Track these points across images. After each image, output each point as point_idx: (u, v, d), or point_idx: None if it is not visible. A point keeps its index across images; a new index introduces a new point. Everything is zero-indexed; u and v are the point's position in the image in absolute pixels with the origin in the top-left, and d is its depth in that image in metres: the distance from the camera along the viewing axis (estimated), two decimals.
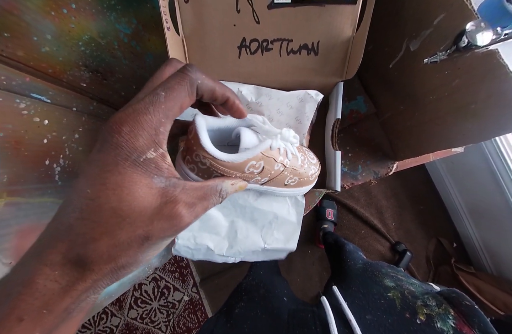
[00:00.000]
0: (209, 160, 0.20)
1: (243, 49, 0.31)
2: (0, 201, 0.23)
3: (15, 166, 0.26)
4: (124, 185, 0.13)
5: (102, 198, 0.13)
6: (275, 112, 0.32)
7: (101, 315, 1.18)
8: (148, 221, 0.13)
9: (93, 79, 0.37)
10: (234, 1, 0.28)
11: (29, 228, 0.25)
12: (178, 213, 0.14)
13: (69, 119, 0.35)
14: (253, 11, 0.29)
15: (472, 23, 0.22)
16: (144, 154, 0.14)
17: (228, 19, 0.29)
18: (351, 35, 0.30)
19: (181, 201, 0.15)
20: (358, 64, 0.29)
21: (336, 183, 0.33)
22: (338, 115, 0.33)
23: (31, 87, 0.30)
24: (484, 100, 0.26)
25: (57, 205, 0.29)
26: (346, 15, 0.28)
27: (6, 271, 0.23)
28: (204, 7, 0.29)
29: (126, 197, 0.13)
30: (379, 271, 0.39)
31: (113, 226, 0.13)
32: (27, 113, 0.29)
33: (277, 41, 0.31)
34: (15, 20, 0.25)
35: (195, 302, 1.18)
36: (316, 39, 0.30)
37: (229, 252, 0.36)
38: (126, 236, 0.13)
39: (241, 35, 0.30)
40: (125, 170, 0.13)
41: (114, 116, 0.14)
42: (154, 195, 0.14)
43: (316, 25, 0.29)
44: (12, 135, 0.26)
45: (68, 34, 0.29)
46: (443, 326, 0.27)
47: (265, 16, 0.29)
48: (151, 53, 0.38)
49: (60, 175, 0.30)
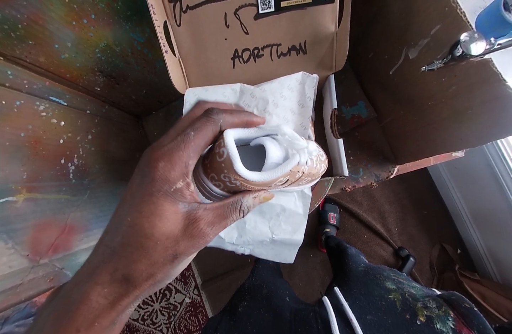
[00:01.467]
0: (240, 182, 0.20)
1: (237, 60, 0.33)
2: (20, 197, 0.25)
3: (34, 164, 0.27)
4: (156, 212, 0.16)
5: (139, 225, 0.16)
6: (279, 96, 0.33)
7: (165, 292, 1.19)
8: (175, 242, 0.16)
9: (107, 84, 0.39)
10: (223, 17, 0.30)
11: (45, 223, 0.27)
12: (198, 233, 0.17)
13: (83, 121, 0.37)
14: (241, 23, 0.31)
15: (466, 34, 0.23)
16: (174, 185, 0.16)
17: (218, 34, 0.31)
18: (334, 31, 0.32)
19: (201, 221, 0.17)
20: (345, 56, 0.31)
21: (343, 168, 0.34)
22: (334, 105, 0.34)
23: (50, 91, 0.32)
24: (479, 106, 0.27)
25: (70, 201, 0.30)
26: (326, 13, 0.30)
27: (24, 262, 0.24)
28: (195, 28, 0.31)
29: (158, 224, 0.16)
30: (380, 274, 0.40)
31: (148, 248, 0.15)
32: (46, 115, 0.31)
33: (267, 47, 0.33)
34: (40, 29, 0.27)
35: (196, 305, 1.18)
36: (303, 40, 0.32)
37: (238, 240, 0.37)
38: (159, 257, 0.16)
39: (233, 47, 0.32)
40: (158, 199, 0.16)
41: (151, 154, 0.17)
42: (179, 219, 0.16)
43: (301, 27, 0.31)
44: (32, 135, 0.28)
45: (87, 42, 0.31)
46: (443, 327, 0.27)
47: (252, 26, 0.31)
48: (161, 59, 0.40)
49: (74, 174, 0.32)
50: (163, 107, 0.54)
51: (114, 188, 0.38)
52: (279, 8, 0.30)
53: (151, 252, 0.15)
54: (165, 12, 0.30)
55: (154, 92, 0.47)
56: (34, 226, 0.25)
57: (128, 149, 0.46)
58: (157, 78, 0.44)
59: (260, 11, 0.30)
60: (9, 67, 0.28)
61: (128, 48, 0.35)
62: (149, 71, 0.41)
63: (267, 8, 0.30)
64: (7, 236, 0.23)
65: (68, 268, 0.27)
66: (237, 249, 0.38)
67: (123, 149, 0.44)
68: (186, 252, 0.16)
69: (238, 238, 0.37)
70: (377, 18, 0.36)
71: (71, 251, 0.28)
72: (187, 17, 0.30)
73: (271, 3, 0.30)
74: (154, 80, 0.44)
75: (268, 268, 0.62)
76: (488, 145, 0.87)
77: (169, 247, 0.16)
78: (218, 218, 0.18)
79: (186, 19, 0.31)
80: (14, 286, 0.22)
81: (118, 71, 0.38)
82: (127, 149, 0.45)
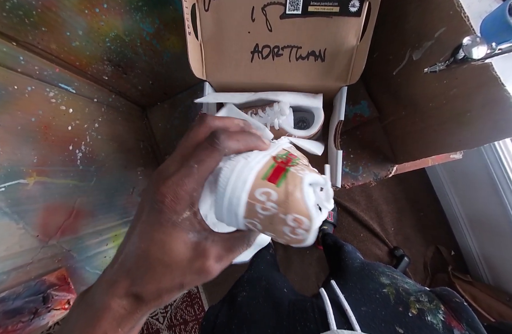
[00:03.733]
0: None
1: (256, 54, 0.34)
2: (31, 179, 0.26)
3: (43, 149, 0.28)
4: (166, 240, 0.17)
5: (152, 251, 0.17)
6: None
7: None
8: (182, 272, 0.17)
9: (114, 73, 0.40)
10: (250, 10, 0.31)
11: (54, 206, 0.28)
12: (206, 269, 0.18)
13: (91, 109, 0.38)
14: (266, 20, 0.31)
15: (468, 38, 0.24)
16: (181, 216, 0.17)
17: (243, 26, 0.32)
18: (356, 44, 0.32)
19: (210, 255, 0.18)
20: (361, 71, 0.31)
21: (337, 179, 0.35)
22: (341, 117, 0.35)
23: (60, 78, 0.33)
24: (479, 109, 0.28)
25: (78, 187, 0.31)
26: (351, 26, 0.31)
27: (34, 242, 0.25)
28: (222, 16, 0.31)
29: (168, 251, 0.17)
30: (376, 269, 0.41)
31: (159, 273, 0.17)
32: (55, 101, 0.32)
33: (287, 47, 0.33)
34: (53, 16, 0.27)
35: (193, 295, 1.20)
36: (323, 47, 0.33)
37: None
38: (168, 284, 0.17)
39: (255, 41, 0.33)
40: (167, 229, 0.17)
41: (158, 187, 0.17)
42: (188, 249, 0.17)
43: (324, 34, 0.32)
44: (42, 121, 0.29)
45: (97, 31, 0.31)
46: (433, 320, 0.29)
47: (277, 25, 0.32)
48: (169, 51, 0.41)
49: (81, 160, 0.33)
50: (168, 99, 0.54)
51: (118, 175, 0.39)
52: (306, 12, 0.31)
53: (161, 278, 0.17)
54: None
55: (160, 83, 0.48)
56: (43, 208, 0.26)
57: (132, 138, 0.46)
58: (164, 70, 0.44)
59: (287, 11, 0.31)
60: (21, 53, 0.28)
61: (137, 39, 0.36)
62: (156, 62, 0.42)
63: (294, 10, 0.31)
64: (18, 216, 0.24)
65: (74, 250, 0.28)
66: None
67: (128, 139, 0.45)
68: (192, 284, 0.18)
69: None
70: (384, 19, 0.36)
71: (77, 235, 0.29)
72: (216, 3, 0.31)
73: (299, 5, 0.30)
74: (161, 71, 0.44)
75: (266, 262, 0.64)
76: (486, 149, 0.88)
77: (177, 276, 0.17)
78: (226, 251, 0.19)
79: (214, 5, 0.31)
80: (25, 264, 0.23)
81: (126, 61, 0.39)
82: (131, 139, 0.46)
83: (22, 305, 0.22)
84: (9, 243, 0.23)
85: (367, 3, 0.30)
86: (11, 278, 0.22)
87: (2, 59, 0.26)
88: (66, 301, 0.25)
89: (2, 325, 0.20)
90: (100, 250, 0.31)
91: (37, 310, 0.23)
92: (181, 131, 0.52)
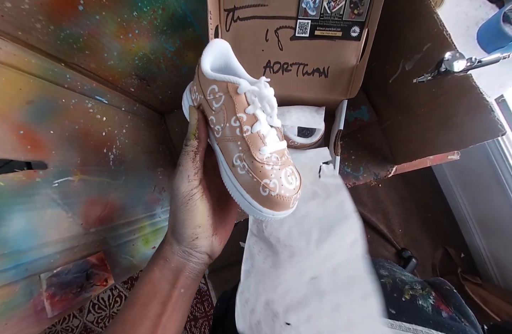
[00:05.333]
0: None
1: (267, 69, 0.39)
2: (76, 177, 0.31)
3: (84, 152, 0.33)
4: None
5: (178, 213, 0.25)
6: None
7: (116, 299, 1.27)
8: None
9: (140, 85, 0.45)
10: (264, 32, 0.36)
11: (93, 200, 0.33)
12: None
13: (119, 117, 0.43)
14: (278, 40, 0.37)
15: (449, 53, 0.27)
16: (193, 192, 0.26)
17: (258, 45, 0.37)
18: (355, 64, 0.37)
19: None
20: (359, 87, 0.36)
21: None
22: (341, 127, 0.39)
23: (96, 91, 0.39)
24: (463, 114, 0.31)
25: (110, 184, 0.36)
26: (351, 48, 0.36)
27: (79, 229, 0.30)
28: (240, 35, 0.37)
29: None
30: (376, 263, 0.44)
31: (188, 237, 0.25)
32: (92, 111, 0.37)
33: (295, 64, 0.38)
34: (95, 42, 0.33)
35: (202, 293, 1.24)
36: (327, 65, 0.37)
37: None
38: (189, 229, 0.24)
39: (267, 58, 0.38)
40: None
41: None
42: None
43: (328, 54, 0.37)
44: (83, 128, 0.35)
45: (129, 51, 0.37)
46: (424, 303, 0.32)
47: (287, 45, 0.37)
48: (186, 65, 0.46)
49: (113, 161, 0.38)
50: None
51: (142, 175, 0.44)
52: (313, 35, 0.36)
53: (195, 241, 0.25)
54: (219, 18, 0.36)
55: (178, 93, 0.53)
56: (85, 201, 0.31)
57: (153, 142, 0.52)
58: (182, 81, 0.50)
59: (296, 34, 0.36)
60: (68, 72, 0.34)
61: (161, 56, 0.41)
62: (175, 75, 0.47)
63: (302, 33, 0.36)
64: (68, 207, 0.29)
65: (109, 238, 0.33)
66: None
67: (149, 142, 0.50)
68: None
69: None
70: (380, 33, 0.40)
71: (111, 224, 0.34)
72: (236, 25, 0.37)
73: (307, 30, 0.36)
74: (179, 82, 0.50)
75: None
76: (494, 151, 0.89)
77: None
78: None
79: (234, 26, 0.37)
80: (72, 247, 0.28)
81: (150, 75, 0.44)
82: (152, 143, 0.51)
83: (71, 279, 0.27)
84: (61, 229, 0.28)
85: (366, 29, 0.34)
86: (62, 257, 0.27)
87: (53, 77, 0.32)
88: (104, 278, 0.30)
89: (58, 294, 0.25)
90: (129, 239, 0.36)
91: (82, 284, 0.28)
92: None
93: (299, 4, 0.34)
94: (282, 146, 0.25)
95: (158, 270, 0.23)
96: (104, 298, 1.28)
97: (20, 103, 0.27)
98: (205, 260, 0.25)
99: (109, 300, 1.28)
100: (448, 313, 0.30)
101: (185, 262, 0.24)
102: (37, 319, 0.23)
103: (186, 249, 0.24)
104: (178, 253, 0.24)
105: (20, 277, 0.23)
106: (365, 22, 0.34)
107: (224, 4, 0.35)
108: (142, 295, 0.23)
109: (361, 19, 0.34)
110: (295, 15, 0.35)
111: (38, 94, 0.29)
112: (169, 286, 0.23)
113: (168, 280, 0.23)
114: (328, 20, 0.35)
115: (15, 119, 0.26)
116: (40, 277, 0.24)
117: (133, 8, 0.31)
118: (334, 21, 0.35)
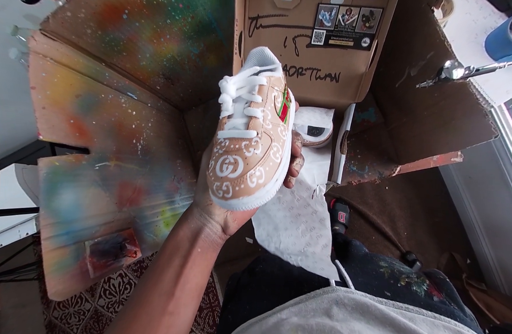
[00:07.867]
0: None
1: (284, 72, 0.42)
2: (112, 162, 0.36)
3: (118, 141, 0.38)
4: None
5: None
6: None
7: (126, 285, 1.34)
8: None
9: (165, 84, 0.50)
10: (283, 39, 0.41)
11: (125, 183, 0.37)
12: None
13: (146, 112, 0.48)
14: (295, 47, 0.41)
15: (449, 62, 0.30)
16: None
17: (276, 50, 0.41)
18: (364, 71, 0.40)
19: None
20: (366, 92, 0.40)
21: (338, 177, 0.42)
22: (348, 128, 0.43)
23: (128, 88, 0.43)
24: (460, 118, 0.34)
25: (138, 171, 0.41)
26: (362, 57, 0.39)
27: (114, 207, 0.35)
28: (261, 41, 0.41)
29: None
30: (377, 257, 0.47)
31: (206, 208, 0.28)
32: (125, 106, 0.42)
33: (309, 69, 0.42)
34: (132, 45, 0.37)
35: (208, 285, 1.29)
36: (338, 71, 0.41)
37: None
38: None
39: (284, 62, 0.42)
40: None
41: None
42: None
43: (339, 61, 0.40)
44: (117, 120, 0.39)
45: (159, 53, 0.41)
46: (417, 289, 0.35)
47: (303, 51, 0.41)
48: (207, 67, 0.50)
49: (140, 151, 0.42)
50: (202, 104, 0.64)
51: (164, 165, 0.49)
52: (327, 44, 0.40)
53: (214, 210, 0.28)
54: (244, 25, 0.40)
55: (198, 91, 0.58)
56: (119, 184, 0.36)
57: (173, 136, 0.56)
58: (202, 81, 0.54)
59: (312, 42, 0.40)
60: (106, 71, 0.39)
61: (186, 58, 0.45)
62: (197, 75, 0.51)
63: (318, 41, 0.40)
64: (106, 188, 0.33)
65: (138, 217, 0.37)
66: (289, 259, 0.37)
67: (170, 136, 0.55)
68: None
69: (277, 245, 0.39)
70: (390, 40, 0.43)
71: (139, 206, 0.39)
72: (258, 32, 0.41)
73: (322, 38, 0.40)
74: (199, 82, 0.54)
75: None
76: (503, 157, 0.89)
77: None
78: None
79: (256, 33, 0.41)
80: (109, 221, 0.33)
81: (175, 75, 0.49)
82: (173, 137, 0.56)
83: (108, 249, 0.32)
84: (100, 206, 0.32)
85: (376, 41, 0.38)
86: (102, 229, 0.31)
87: (95, 75, 0.37)
88: (134, 251, 0.34)
89: (98, 260, 0.30)
90: (153, 220, 0.41)
91: (117, 254, 0.32)
92: (211, 131, 0.61)
93: (316, 15, 0.38)
94: (240, 135, 0.24)
95: (181, 229, 0.27)
96: (115, 285, 1.35)
97: (71, 97, 0.32)
98: (219, 231, 0.28)
99: (119, 286, 1.35)
100: (439, 298, 0.33)
101: (202, 225, 0.27)
102: (82, 278, 0.27)
103: (202, 213, 0.27)
104: (196, 216, 0.27)
105: (70, 242, 0.27)
106: (375, 34, 0.38)
107: (249, 12, 0.39)
108: (168, 248, 0.27)
109: (371, 31, 0.38)
110: (312, 25, 0.39)
111: (84, 90, 0.34)
112: (188, 244, 0.27)
113: (188, 238, 0.27)
114: (342, 31, 0.38)
115: (68, 110, 0.31)
116: (84, 244, 0.29)
117: (168, 17, 0.35)
118: (347, 32, 0.38)
